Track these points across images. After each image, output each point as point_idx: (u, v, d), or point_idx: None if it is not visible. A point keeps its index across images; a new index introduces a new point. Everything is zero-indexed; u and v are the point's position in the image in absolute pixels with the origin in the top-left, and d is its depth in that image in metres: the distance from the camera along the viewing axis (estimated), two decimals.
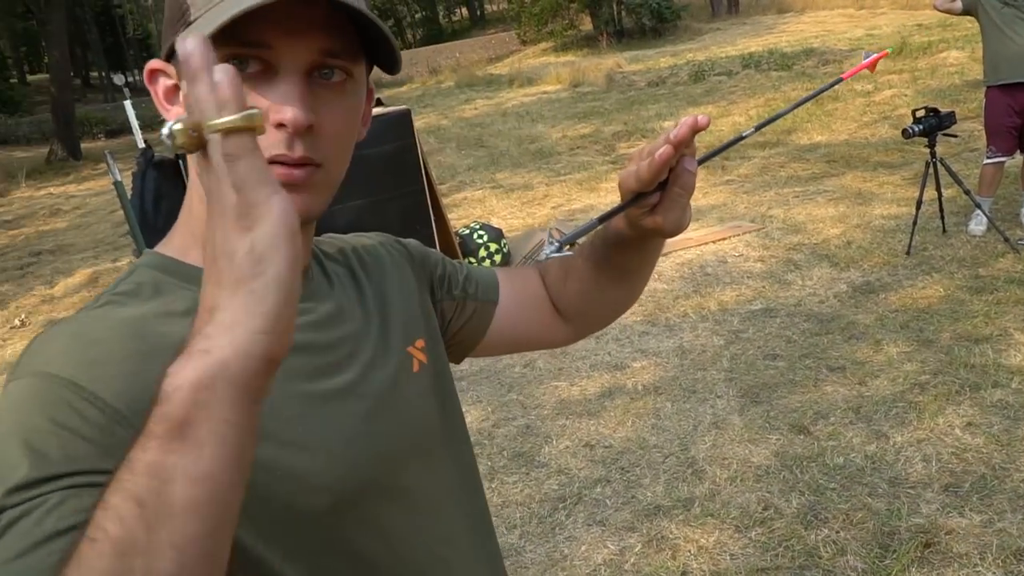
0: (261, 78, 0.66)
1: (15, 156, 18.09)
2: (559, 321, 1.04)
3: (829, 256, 5.14)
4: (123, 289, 0.72)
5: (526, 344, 1.08)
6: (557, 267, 1.02)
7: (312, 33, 0.66)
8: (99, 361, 0.62)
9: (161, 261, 0.74)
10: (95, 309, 0.70)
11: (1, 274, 8.00)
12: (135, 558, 0.45)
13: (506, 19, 33.93)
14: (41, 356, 0.64)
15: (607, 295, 1.00)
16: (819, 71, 12.76)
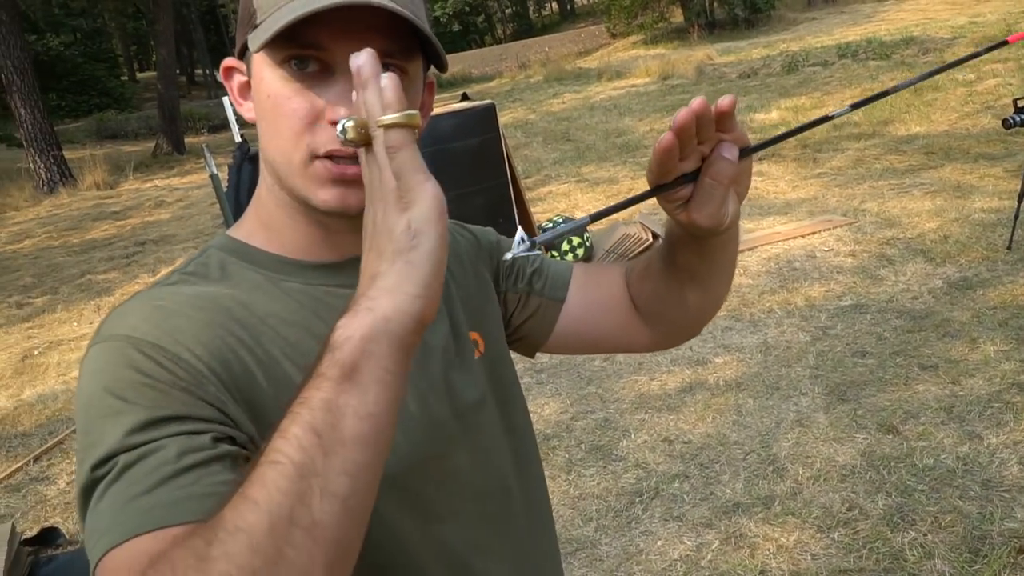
0: (319, 78, 0.69)
1: (124, 150, 19.00)
2: (640, 325, 0.98)
3: (924, 251, 4.95)
4: (192, 269, 0.77)
5: (603, 346, 1.02)
6: (640, 266, 0.97)
7: (368, 35, 0.68)
8: (178, 328, 0.67)
9: (229, 243, 0.79)
10: (168, 285, 0.75)
11: (109, 262, 8.43)
12: (314, 479, 0.52)
13: (596, 13, 33.72)
14: (123, 323, 0.68)
15: (681, 297, 0.92)
16: (919, 60, 12.26)
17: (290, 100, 0.69)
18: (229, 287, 0.74)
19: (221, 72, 0.78)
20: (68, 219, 11.47)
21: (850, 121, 9.21)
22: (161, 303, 0.70)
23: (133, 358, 0.64)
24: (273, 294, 0.75)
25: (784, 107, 10.78)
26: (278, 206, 0.77)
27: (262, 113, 0.72)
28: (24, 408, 4.77)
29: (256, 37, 0.69)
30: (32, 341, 6.10)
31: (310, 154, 0.70)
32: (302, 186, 0.72)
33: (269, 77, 0.70)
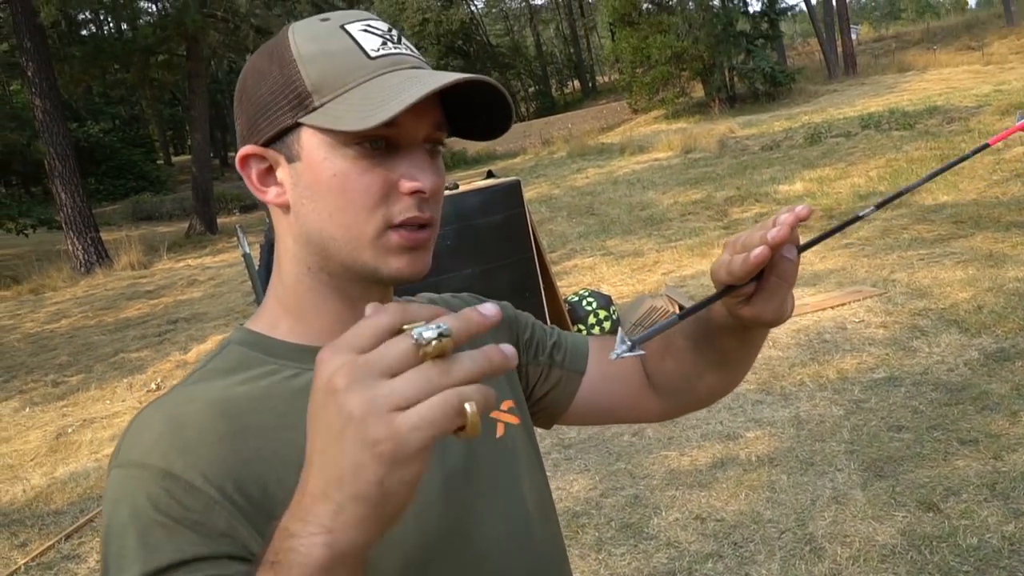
0: (387, 152, 0.73)
1: (158, 231, 19.46)
2: (651, 396, 1.01)
3: (958, 321, 4.88)
4: (213, 366, 0.76)
5: (614, 417, 1.04)
6: (656, 342, 0.97)
7: (430, 111, 0.73)
8: (190, 447, 0.67)
9: (250, 337, 0.79)
10: (187, 387, 0.74)
11: (141, 340, 8.54)
12: None
13: (617, 89, 34.37)
14: (138, 445, 0.68)
15: (705, 379, 0.96)
16: (944, 129, 12.31)
17: (363, 176, 0.72)
18: (247, 386, 0.74)
19: (238, 161, 0.77)
20: (103, 299, 11.70)
21: (876, 191, 9.23)
22: (177, 413, 0.70)
23: (145, 492, 0.65)
24: (292, 390, 0.74)
25: (808, 178, 10.83)
26: (310, 290, 0.78)
27: (322, 192, 0.73)
28: (57, 486, 4.79)
29: (342, 118, 0.69)
30: (66, 419, 6.16)
31: (385, 225, 0.73)
32: (372, 257, 0.74)
33: (334, 156, 0.71)
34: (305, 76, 0.72)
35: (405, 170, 0.73)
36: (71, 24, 20.42)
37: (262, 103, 0.74)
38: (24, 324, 10.74)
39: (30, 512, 4.50)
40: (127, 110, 35.79)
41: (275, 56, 0.74)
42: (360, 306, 0.76)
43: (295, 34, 0.74)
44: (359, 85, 0.71)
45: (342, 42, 0.72)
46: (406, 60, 0.74)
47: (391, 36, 0.75)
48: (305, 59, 0.72)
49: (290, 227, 0.76)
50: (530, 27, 52.75)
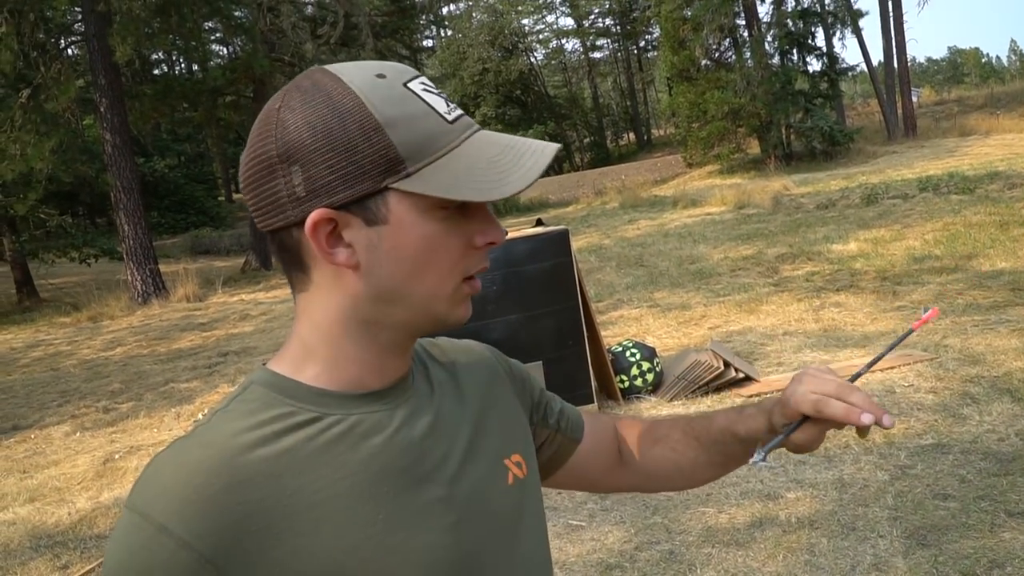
0: (461, 211, 0.77)
1: (215, 265, 19.95)
2: (623, 472, 1.11)
3: (1012, 391, 4.75)
4: (234, 407, 0.77)
5: (588, 485, 1.14)
6: (645, 428, 1.11)
7: None
8: (191, 500, 0.69)
9: (273, 379, 0.79)
10: (207, 429, 0.75)
11: (192, 371, 8.73)
12: None
13: (672, 143, 34.49)
14: (145, 493, 0.71)
15: (695, 473, 1.07)
16: (1005, 195, 12.09)
17: (449, 237, 0.76)
18: (264, 429, 0.75)
19: (309, 225, 0.73)
20: (158, 329, 11.99)
21: (931, 255, 9.07)
22: (188, 461, 0.72)
23: (140, 544, 0.69)
24: (308, 434, 0.76)
25: (863, 239, 10.70)
26: (349, 339, 0.79)
27: (407, 255, 0.75)
28: (101, 510, 4.89)
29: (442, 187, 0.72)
30: (115, 445, 6.30)
31: (463, 278, 0.79)
32: (444, 310, 0.79)
33: (424, 220, 0.74)
34: (396, 141, 0.72)
35: (478, 226, 0.79)
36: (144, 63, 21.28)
37: (335, 166, 0.72)
38: (81, 351, 11.06)
39: (73, 535, 4.60)
40: (193, 147, 36.98)
41: (346, 116, 0.72)
42: (390, 355, 0.81)
43: (364, 93, 0.72)
44: (452, 151, 0.74)
45: (417, 105, 0.74)
46: (472, 122, 0.78)
47: (444, 95, 0.78)
48: (390, 123, 0.72)
49: (351, 286, 0.76)
50: (588, 79, 53.39)
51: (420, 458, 0.80)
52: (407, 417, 0.81)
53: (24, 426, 7.35)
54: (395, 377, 0.82)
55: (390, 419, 0.80)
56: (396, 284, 0.76)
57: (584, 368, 5.55)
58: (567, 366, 5.48)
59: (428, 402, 0.86)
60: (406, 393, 0.83)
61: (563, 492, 4.36)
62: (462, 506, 0.81)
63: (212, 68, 20.30)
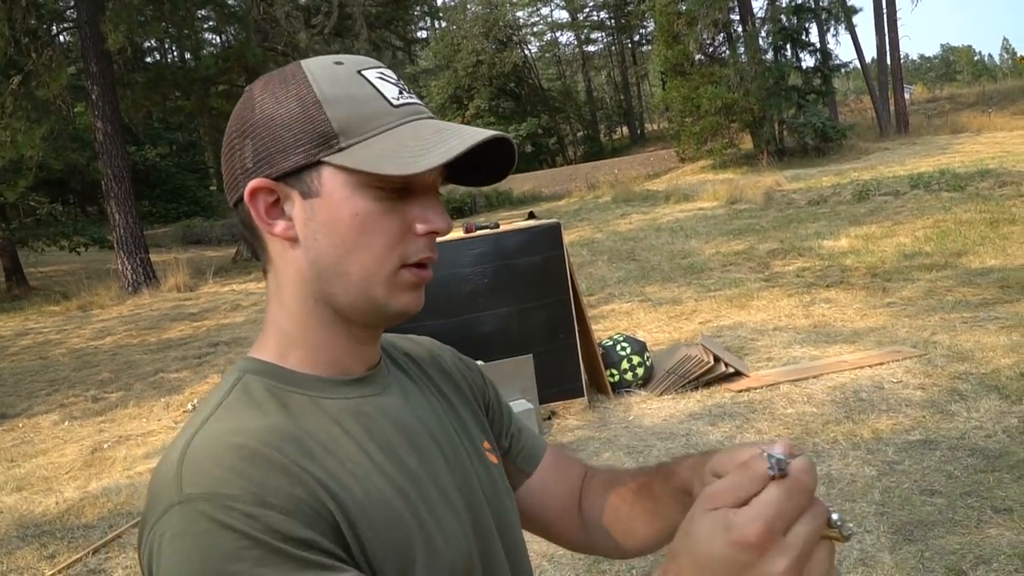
0: (402, 195, 0.77)
1: (206, 255, 19.88)
2: (575, 523, 1.02)
3: (999, 387, 4.78)
4: (235, 399, 0.75)
5: (533, 527, 1.04)
6: (606, 475, 1.03)
7: None
8: (269, 473, 0.67)
9: (263, 367, 0.79)
10: (220, 421, 0.73)
11: (182, 361, 8.71)
12: None
13: (665, 138, 34.48)
14: (210, 477, 0.66)
15: (633, 525, 0.96)
16: (995, 192, 12.13)
17: (383, 217, 0.76)
18: (284, 416, 0.74)
19: (248, 193, 0.76)
20: (148, 319, 11.95)
21: (922, 252, 9.11)
22: (238, 444, 0.69)
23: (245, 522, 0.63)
24: (321, 416, 0.76)
25: (854, 235, 10.73)
26: (320, 323, 0.79)
27: (339, 230, 0.75)
28: (89, 500, 4.88)
29: (367, 162, 0.73)
30: (103, 435, 6.29)
31: (400, 264, 0.77)
32: (383, 294, 0.77)
33: (355, 196, 0.75)
34: (332, 117, 0.74)
35: (419, 213, 0.77)
36: (136, 51, 21.15)
37: (277, 137, 0.75)
38: (70, 340, 11.02)
39: (61, 524, 4.59)
40: (185, 136, 36.79)
41: (292, 93, 0.75)
42: (363, 342, 0.81)
43: (314, 74, 0.76)
44: (387, 131, 0.75)
45: (364, 88, 0.76)
46: (423, 110, 0.79)
47: (403, 86, 0.80)
48: (330, 100, 0.75)
49: (295, 260, 0.78)
50: (582, 73, 53.34)
51: (418, 435, 0.82)
52: (396, 399, 0.83)
53: (12, 415, 7.32)
54: (372, 364, 0.84)
55: (383, 401, 0.81)
56: (332, 260, 0.76)
57: (575, 361, 5.55)
58: (558, 359, 5.48)
59: (404, 386, 0.88)
60: (385, 380, 0.85)
61: None
62: (463, 481, 0.84)
63: (205, 57, 20.19)
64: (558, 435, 5.11)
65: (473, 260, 5.39)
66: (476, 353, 5.10)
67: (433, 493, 0.78)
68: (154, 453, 5.67)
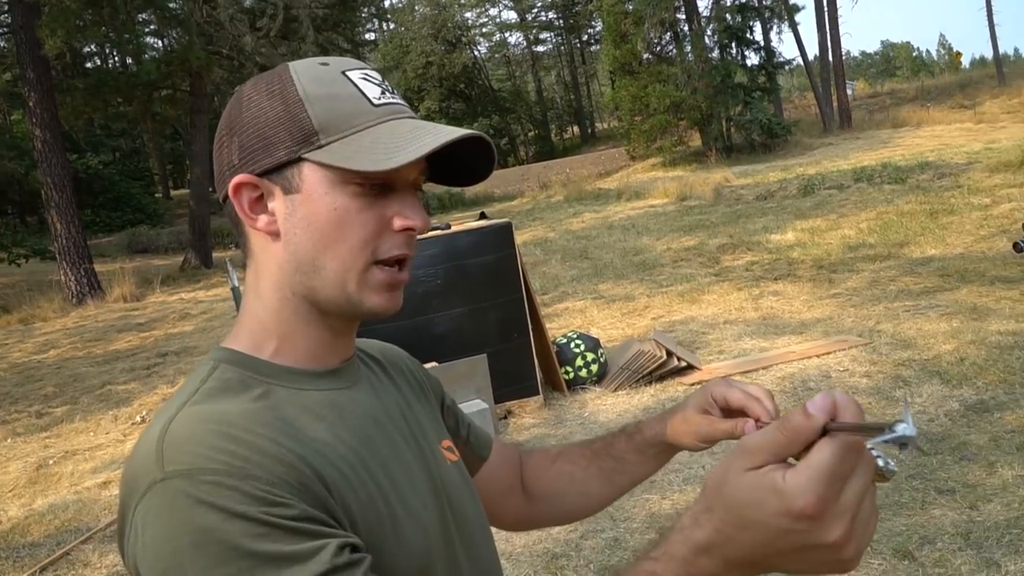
0: (381, 192, 0.78)
1: (153, 264, 19.51)
2: (517, 499, 1.09)
3: (940, 373, 4.92)
4: (211, 387, 0.75)
5: (488, 513, 1.06)
6: (545, 451, 1.11)
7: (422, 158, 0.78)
8: (252, 448, 0.67)
9: (237, 357, 0.79)
10: (196, 406, 0.72)
11: (130, 373, 8.53)
12: None
13: (616, 136, 34.77)
14: (193, 454, 0.65)
15: (588, 486, 1.06)
16: (935, 184, 12.48)
17: (361, 213, 0.77)
18: (260, 403, 0.74)
19: (232, 187, 0.78)
20: (94, 330, 11.68)
21: (865, 243, 9.32)
22: (219, 427, 0.68)
23: (236, 496, 0.63)
24: (296, 405, 0.76)
25: (800, 228, 10.94)
26: (295, 314, 0.80)
27: (318, 225, 0.76)
28: (35, 518, 4.75)
29: (344, 158, 0.74)
30: (48, 450, 6.13)
31: (372, 259, 0.78)
32: (356, 290, 0.78)
33: (335, 192, 0.76)
34: (312, 115, 0.76)
35: (398, 209, 0.79)
36: (75, 56, 20.69)
37: (260, 134, 0.78)
38: (12, 354, 10.71)
39: (5, 544, 4.46)
40: (128, 143, 36.07)
41: (277, 92, 0.78)
42: (339, 335, 0.83)
43: (298, 74, 0.78)
44: (366, 129, 0.77)
45: (346, 87, 0.78)
46: (404, 110, 0.80)
47: (387, 86, 0.81)
48: (311, 99, 0.77)
49: (276, 254, 0.79)
50: (531, 73, 53.50)
51: (388, 428, 0.84)
52: (367, 393, 0.85)
53: None
54: (346, 357, 0.85)
55: (355, 394, 0.83)
56: (310, 254, 0.78)
57: (529, 360, 5.57)
58: (512, 358, 5.49)
59: (373, 382, 0.89)
60: (357, 374, 0.86)
61: None
62: (430, 474, 0.85)
63: (146, 61, 19.80)
64: (514, 434, 5.12)
65: (425, 261, 5.38)
66: (430, 354, 5.09)
67: (403, 484, 0.80)
68: (103, 467, 5.55)
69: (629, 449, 1.02)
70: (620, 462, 1.03)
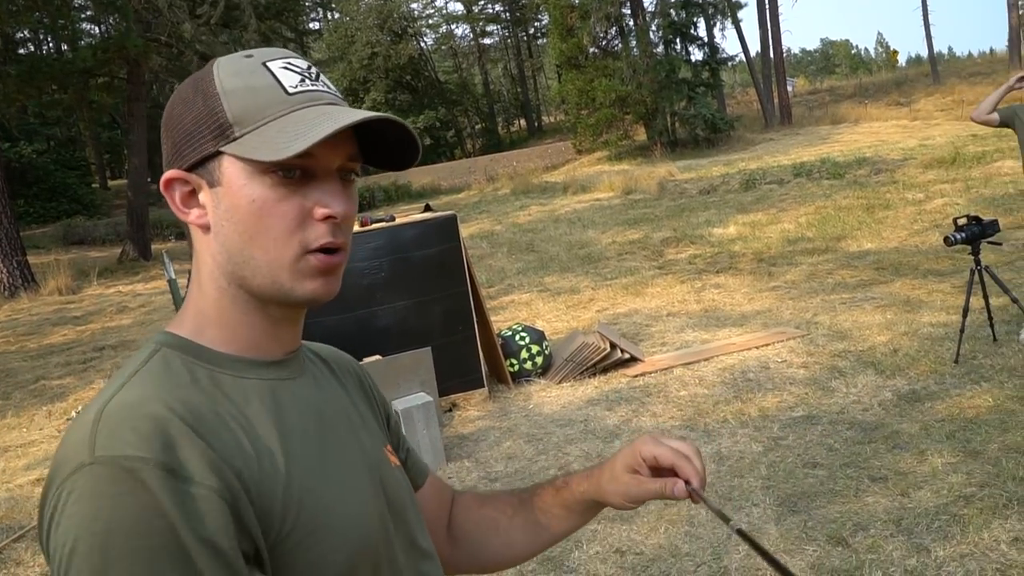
0: (302, 181, 0.78)
1: (90, 256, 18.96)
2: (444, 540, 1.07)
3: (875, 363, 5.06)
4: (150, 369, 0.75)
5: None
6: (474, 494, 1.10)
7: (343, 143, 0.79)
8: (175, 443, 0.67)
9: (179, 342, 0.79)
10: (132, 388, 0.72)
11: (65, 367, 8.30)
12: None
13: (562, 130, 34.86)
14: (121, 440, 0.66)
15: (512, 536, 1.05)
16: (871, 180, 12.80)
17: (280, 203, 0.76)
18: (197, 391, 0.74)
19: (162, 184, 0.81)
20: (27, 324, 11.33)
21: (804, 237, 9.52)
22: (150, 413, 0.69)
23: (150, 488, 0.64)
24: (233, 394, 0.76)
25: (741, 222, 11.13)
26: (233, 304, 0.80)
27: (240, 217, 0.77)
28: None
29: (259, 148, 0.75)
30: None
31: (302, 250, 0.77)
32: (288, 280, 0.78)
33: (253, 183, 0.76)
34: (227, 108, 0.77)
35: (319, 197, 0.78)
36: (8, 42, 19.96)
37: (186, 131, 0.79)
38: None
39: None
40: (63, 131, 34.96)
41: (200, 88, 0.79)
42: (281, 325, 0.82)
43: (219, 68, 0.79)
44: (277, 119, 0.76)
45: (263, 78, 0.78)
46: (322, 96, 0.80)
47: (309, 74, 0.81)
48: (228, 93, 0.77)
49: (209, 246, 0.80)
50: (478, 66, 53.33)
51: (329, 422, 0.85)
52: (309, 387, 0.86)
53: None
54: (291, 349, 0.85)
55: (297, 387, 0.83)
56: (238, 247, 0.78)
57: (474, 353, 5.57)
58: (457, 351, 5.49)
59: (317, 377, 0.90)
60: (302, 365, 0.87)
61: (452, 476, 4.38)
62: (370, 472, 0.86)
63: (82, 48, 19.22)
64: (459, 426, 5.12)
65: (369, 254, 5.34)
66: (374, 347, 5.06)
67: (339, 477, 0.80)
68: (35, 464, 5.39)
69: (556, 503, 1.02)
70: (546, 515, 1.02)
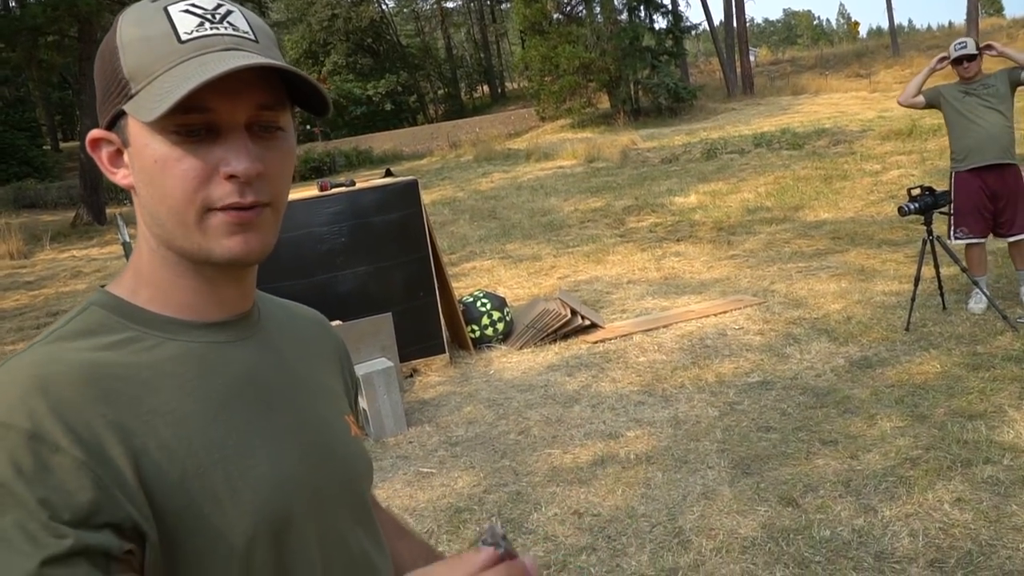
0: (206, 138, 0.72)
1: (42, 220, 18.54)
2: None
3: (828, 331, 5.16)
4: (72, 327, 0.75)
5: None
6: (396, 522, 1.07)
7: (248, 92, 0.72)
8: (57, 408, 0.66)
9: (111, 301, 0.78)
10: (47, 346, 0.72)
11: (17, 333, 8.14)
12: None
13: (526, 96, 34.66)
14: (4, 399, 0.66)
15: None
16: (830, 151, 12.95)
17: (181, 161, 0.72)
18: (111, 352, 0.73)
19: (88, 145, 0.78)
20: None
21: (763, 207, 9.63)
22: (43, 373, 0.69)
23: (9, 455, 0.63)
24: (152, 356, 0.75)
25: (702, 191, 11.21)
26: (164, 266, 0.78)
27: (148, 178, 0.74)
28: None
29: (142, 107, 0.70)
30: None
31: (204, 208, 0.73)
32: (200, 241, 0.74)
33: (155, 142, 0.72)
34: (124, 63, 0.73)
35: (222, 155, 0.73)
36: None
37: (103, 87, 0.76)
38: None
39: None
40: (12, 92, 33.93)
41: (108, 42, 0.74)
42: (219, 285, 0.79)
43: (123, 19, 0.74)
44: (167, 72, 0.71)
45: (159, 26, 0.72)
46: (219, 42, 0.73)
47: (213, 15, 0.74)
48: (125, 46, 0.73)
49: (138, 205, 0.78)
50: (441, 30, 52.67)
51: (268, 388, 0.81)
52: (254, 351, 0.82)
53: None
54: (237, 311, 0.82)
55: (236, 350, 0.80)
56: (152, 206, 0.75)
57: (435, 319, 5.58)
58: (418, 317, 5.49)
59: (274, 341, 0.87)
60: (251, 328, 0.84)
61: (413, 440, 4.40)
62: (310, 438, 0.82)
63: (31, 5, 18.58)
64: (420, 392, 5.14)
65: (329, 219, 5.29)
66: (335, 313, 5.04)
67: (260, 443, 0.77)
68: None
69: None
70: None
